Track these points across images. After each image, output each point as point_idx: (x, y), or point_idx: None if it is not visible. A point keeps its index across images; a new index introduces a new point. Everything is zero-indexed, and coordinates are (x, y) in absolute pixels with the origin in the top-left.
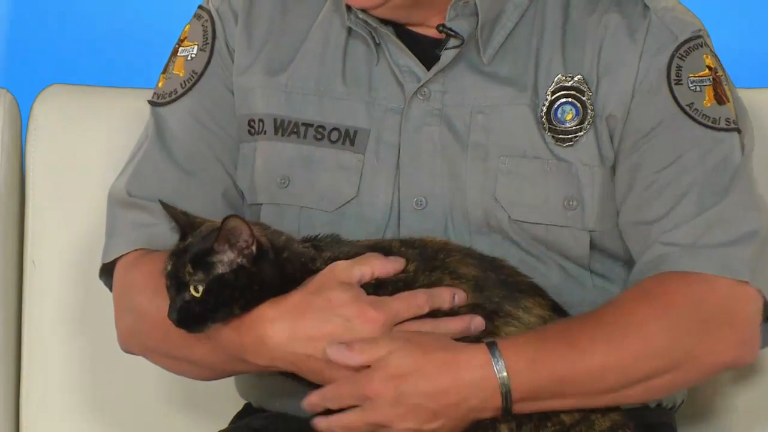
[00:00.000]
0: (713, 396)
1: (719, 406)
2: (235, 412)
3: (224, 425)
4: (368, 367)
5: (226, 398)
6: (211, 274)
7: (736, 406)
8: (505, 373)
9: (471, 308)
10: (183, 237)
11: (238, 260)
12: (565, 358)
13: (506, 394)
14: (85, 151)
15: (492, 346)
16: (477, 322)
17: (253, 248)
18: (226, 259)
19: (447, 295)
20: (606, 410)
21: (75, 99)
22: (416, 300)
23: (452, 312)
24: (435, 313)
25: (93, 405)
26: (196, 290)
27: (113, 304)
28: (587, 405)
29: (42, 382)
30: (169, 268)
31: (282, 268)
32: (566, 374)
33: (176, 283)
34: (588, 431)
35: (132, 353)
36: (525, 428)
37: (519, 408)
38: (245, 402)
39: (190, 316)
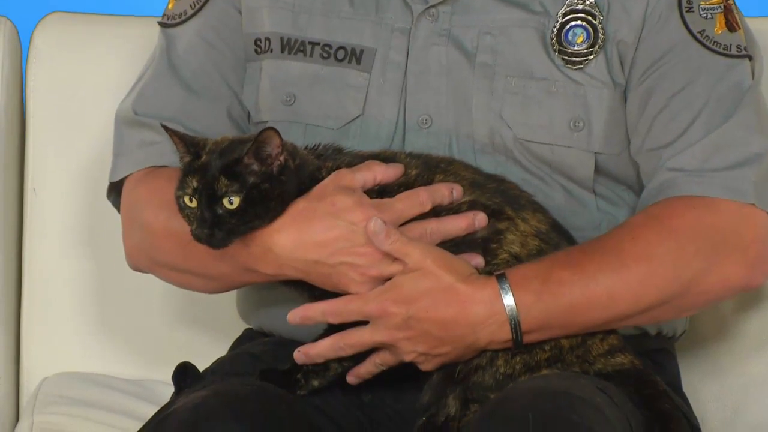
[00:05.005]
0: (713, 325)
1: (718, 336)
2: (237, 331)
3: (226, 344)
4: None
5: (229, 318)
6: (246, 185)
7: (735, 336)
8: (514, 307)
9: (471, 205)
10: (196, 156)
11: (269, 169)
12: (572, 287)
13: (516, 327)
14: (86, 79)
15: (501, 279)
16: (480, 218)
17: (282, 158)
18: (256, 169)
19: (445, 190)
20: (604, 335)
21: (76, 27)
22: (418, 198)
23: (455, 211)
24: (438, 213)
25: (94, 329)
26: (231, 202)
27: (121, 222)
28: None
29: (43, 309)
30: (194, 185)
31: (297, 176)
32: (575, 303)
33: (207, 198)
34: (585, 355)
35: (140, 269)
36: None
37: (530, 338)
38: (246, 327)
39: (223, 230)
